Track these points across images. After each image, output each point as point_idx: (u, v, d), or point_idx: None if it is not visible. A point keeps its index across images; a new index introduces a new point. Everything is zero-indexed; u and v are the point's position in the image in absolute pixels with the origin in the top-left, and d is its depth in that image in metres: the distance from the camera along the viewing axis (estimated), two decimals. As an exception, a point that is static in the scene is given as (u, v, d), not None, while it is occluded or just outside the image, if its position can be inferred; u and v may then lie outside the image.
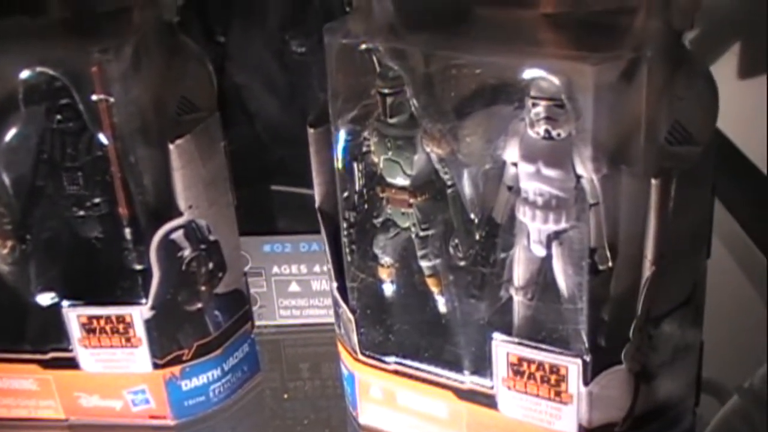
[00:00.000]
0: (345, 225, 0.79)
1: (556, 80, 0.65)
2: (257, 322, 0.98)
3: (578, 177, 0.68)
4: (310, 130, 0.80)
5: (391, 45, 0.72)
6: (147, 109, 0.81)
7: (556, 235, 0.70)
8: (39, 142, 0.82)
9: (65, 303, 0.85)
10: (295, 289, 1.02)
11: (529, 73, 0.66)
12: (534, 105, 0.67)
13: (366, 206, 0.79)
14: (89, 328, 0.85)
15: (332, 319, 0.88)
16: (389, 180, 0.76)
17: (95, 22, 0.81)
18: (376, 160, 0.76)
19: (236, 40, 0.96)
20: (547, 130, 0.67)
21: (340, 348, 0.86)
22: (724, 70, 1.22)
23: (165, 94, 0.83)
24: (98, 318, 0.85)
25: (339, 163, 0.77)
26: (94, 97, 0.77)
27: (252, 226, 0.95)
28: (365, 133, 0.76)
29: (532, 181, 0.69)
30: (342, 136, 0.76)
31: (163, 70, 0.82)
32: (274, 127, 0.98)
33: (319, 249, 0.96)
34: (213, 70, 0.84)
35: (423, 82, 0.72)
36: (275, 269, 1.01)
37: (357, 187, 0.78)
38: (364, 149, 0.76)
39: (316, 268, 1.00)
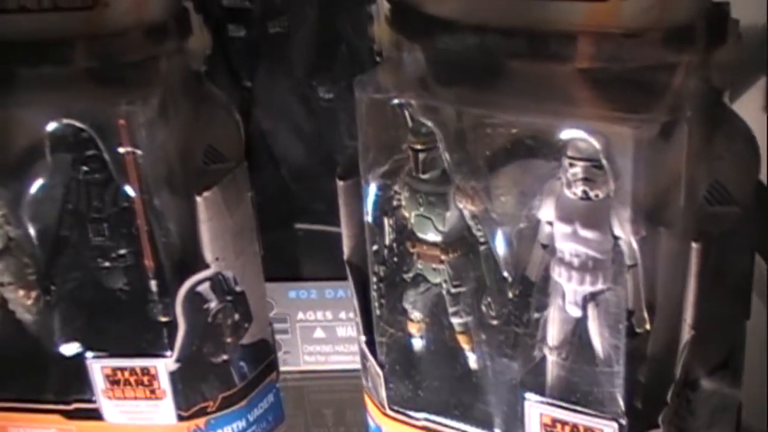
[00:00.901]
0: (374, 279, 0.78)
1: (594, 141, 0.64)
2: (281, 368, 0.96)
3: (616, 238, 0.66)
4: (340, 183, 0.78)
5: (424, 101, 0.71)
6: (173, 158, 0.80)
7: (592, 297, 0.69)
8: (65, 192, 0.81)
9: (89, 354, 0.84)
10: (320, 335, 1.01)
11: (566, 134, 0.65)
12: (571, 165, 0.65)
13: (396, 261, 0.77)
14: (113, 379, 0.84)
15: (357, 365, 0.87)
16: (420, 236, 0.74)
17: (121, 72, 0.79)
18: (407, 214, 0.75)
19: (263, 86, 0.95)
20: (584, 191, 0.65)
21: (367, 400, 0.84)
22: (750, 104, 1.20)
23: (192, 144, 0.82)
24: (122, 370, 0.84)
25: (369, 217, 0.76)
26: (121, 150, 0.76)
27: (276, 271, 0.94)
28: (396, 187, 0.75)
29: (568, 241, 0.67)
30: (372, 190, 0.75)
31: (190, 120, 0.81)
32: (300, 172, 0.97)
33: (345, 295, 0.96)
34: (240, 119, 0.83)
35: (456, 138, 0.71)
36: (300, 315, 1.00)
37: (387, 242, 0.77)
38: (395, 203, 0.75)
39: (342, 315, 0.99)
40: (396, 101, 0.71)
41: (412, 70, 0.74)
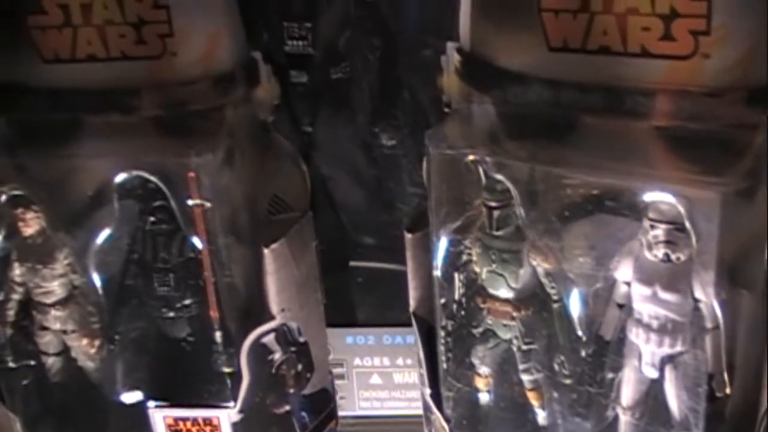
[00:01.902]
0: (442, 333, 0.77)
1: (678, 204, 0.63)
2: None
3: (696, 301, 0.65)
4: (408, 235, 0.78)
5: (497, 159, 0.70)
6: (240, 208, 0.80)
7: (670, 359, 0.68)
8: (130, 242, 0.80)
9: (151, 403, 0.84)
10: (377, 381, 1.00)
11: (648, 196, 0.64)
12: (652, 227, 0.64)
13: (465, 315, 0.76)
14: (175, 429, 0.84)
15: (413, 411, 0.86)
16: (492, 291, 0.73)
17: (188, 121, 0.79)
18: (478, 270, 0.74)
19: (323, 131, 0.94)
20: (666, 254, 0.64)
21: (431, 452, 0.84)
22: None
23: (258, 193, 0.81)
24: (185, 420, 0.83)
25: (439, 272, 0.75)
26: (190, 202, 0.75)
27: (334, 317, 0.94)
28: (467, 242, 0.74)
29: (647, 303, 0.66)
30: (443, 245, 0.74)
31: (257, 169, 0.81)
32: (359, 217, 0.97)
33: (403, 342, 0.95)
34: (306, 169, 0.82)
35: (530, 195, 0.70)
36: (357, 361, 0.99)
37: (456, 296, 0.76)
38: (465, 258, 0.75)
39: (399, 361, 0.98)
40: (470, 158, 0.70)
41: (482, 123, 0.74)
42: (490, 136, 0.72)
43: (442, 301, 0.76)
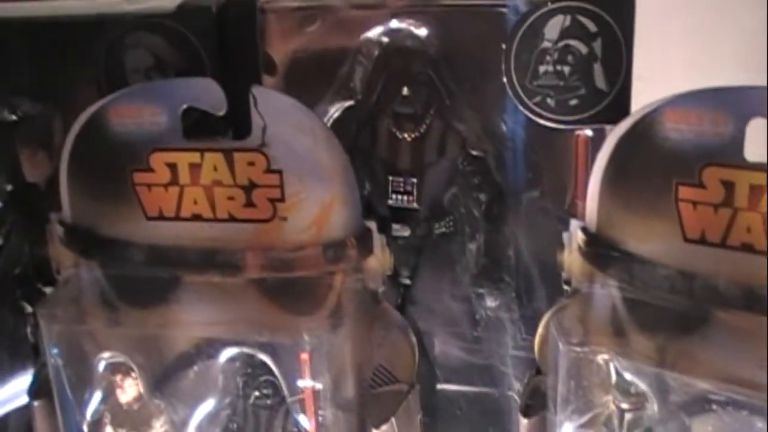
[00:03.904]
0: None
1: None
2: None
3: None
4: (524, 420, 0.74)
5: (626, 357, 0.67)
6: (346, 379, 0.77)
7: None
8: (230, 413, 0.77)
9: None
10: None
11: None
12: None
13: None
14: None
15: None
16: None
17: (294, 286, 0.77)
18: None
19: (422, 285, 0.91)
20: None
21: None
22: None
23: (364, 363, 0.78)
24: None
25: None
26: (301, 383, 0.72)
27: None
28: (588, 434, 0.70)
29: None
30: (566, 436, 0.71)
31: (363, 339, 0.78)
32: (456, 376, 0.93)
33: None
34: (416, 341, 0.79)
35: (660, 393, 0.67)
36: None
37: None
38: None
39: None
40: (603, 357, 0.67)
41: (606, 308, 0.71)
42: (615, 327, 0.70)
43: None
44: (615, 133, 0.70)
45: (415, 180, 0.87)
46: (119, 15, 0.81)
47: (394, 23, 0.82)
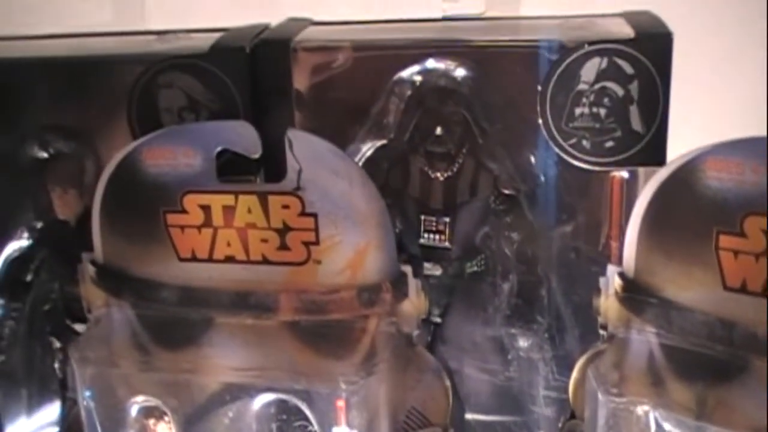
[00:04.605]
0: None
1: None
2: None
3: None
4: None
5: (666, 408, 0.66)
6: (379, 422, 0.76)
7: None
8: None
9: None
10: None
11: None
12: None
13: None
14: None
15: None
16: None
17: (327, 329, 0.76)
18: None
19: (453, 324, 0.91)
20: None
21: None
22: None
23: (397, 406, 0.77)
24: None
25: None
26: (336, 431, 0.72)
27: None
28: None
29: None
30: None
31: (397, 382, 0.77)
32: (487, 414, 0.92)
33: None
34: (450, 385, 0.79)
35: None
36: None
37: None
38: None
39: None
40: (641, 409, 0.67)
41: (644, 355, 0.70)
42: (653, 374, 0.69)
43: None
44: (655, 180, 0.69)
45: (447, 219, 0.87)
46: (152, 54, 0.81)
47: (429, 63, 0.82)
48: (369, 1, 1.21)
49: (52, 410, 0.94)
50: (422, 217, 0.87)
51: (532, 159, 0.85)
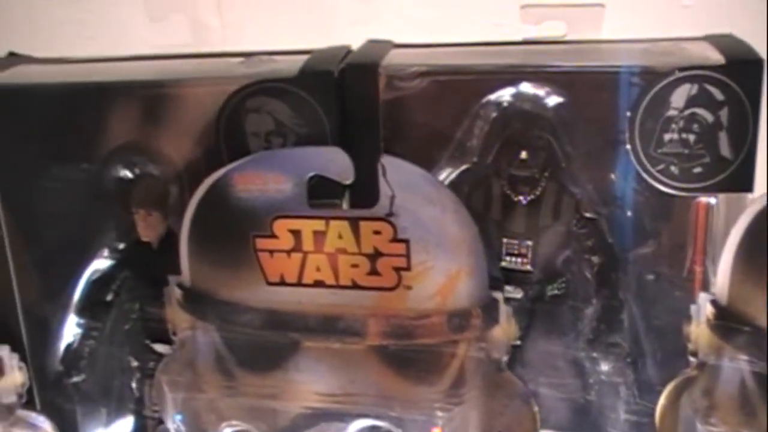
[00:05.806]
0: None
1: None
2: None
3: None
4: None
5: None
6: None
7: None
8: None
9: None
10: None
11: None
12: None
13: None
14: None
15: None
16: None
17: (415, 354, 0.76)
18: None
19: (533, 347, 0.90)
20: None
21: None
22: None
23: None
24: None
25: None
26: (430, 458, 0.72)
27: None
28: None
29: None
30: None
31: (485, 408, 0.77)
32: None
33: None
34: (537, 411, 0.78)
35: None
36: None
37: None
38: None
39: None
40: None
41: (735, 382, 0.70)
42: (745, 404, 0.69)
43: None
44: (752, 209, 0.69)
45: (530, 243, 0.86)
46: (240, 78, 0.81)
47: (517, 87, 0.82)
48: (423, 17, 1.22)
49: (129, 429, 0.95)
50: (504, 240, 0.86)
51: (614, 182, 0.84)
